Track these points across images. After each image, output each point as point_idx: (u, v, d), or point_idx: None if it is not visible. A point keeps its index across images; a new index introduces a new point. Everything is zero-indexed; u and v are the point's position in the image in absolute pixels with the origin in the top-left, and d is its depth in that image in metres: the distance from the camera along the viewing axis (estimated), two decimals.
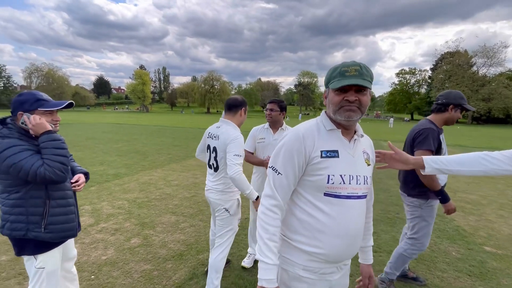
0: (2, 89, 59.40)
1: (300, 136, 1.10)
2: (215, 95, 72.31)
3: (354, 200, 1.10)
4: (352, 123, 1.10)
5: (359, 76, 1.01)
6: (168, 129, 19.15)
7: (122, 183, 5.42)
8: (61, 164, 1.46)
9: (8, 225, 1.49)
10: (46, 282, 1.57)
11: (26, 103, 1.50)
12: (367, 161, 1.17)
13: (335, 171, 1.07)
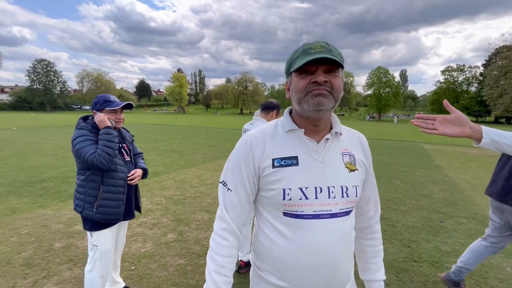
0: (59, 93, 66.01)
1: (247, 143, 0.89)
2: (248, 96, 73.15)
3: (326, 220, 0.83)
4: (323, 114, 0.82)
5: (327, 52, 0.77)
6: (203, 129, 19.79)
7: (160, 180, 5.71)
8: (107, 154, 1.71)
9: (75, 201, 1.84)
10: (99, 261, 1.83)
11: (98, 103, 1.87)
12: (349, 165, 0.88)
13: (292, 184, 0.82)
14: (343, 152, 0.89)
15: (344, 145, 0.91)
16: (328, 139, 0.88)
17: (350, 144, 0.93)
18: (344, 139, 0.92)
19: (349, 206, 0.87)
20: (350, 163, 0.89)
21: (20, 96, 61.80)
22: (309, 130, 0.88)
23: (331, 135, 0.89)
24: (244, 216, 0.91)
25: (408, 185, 5.79)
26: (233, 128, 21.02)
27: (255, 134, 0.91)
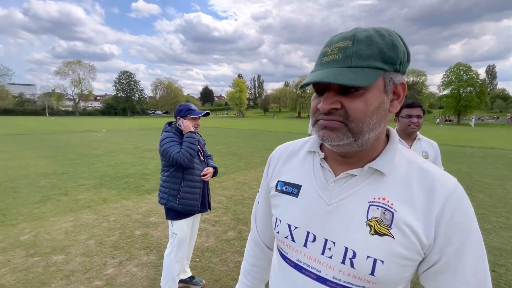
0: (137, 100, 75.58)
1: (270, 156, 0.79)
2: (307, 100, 72.05)
3: (308, 279, 0.61)
4: (343, 149, 0.58)
5: (342, 61, 0.52)
6: (261, 133, 20.25)
7: (221, 181, 6.08)
8: (189, 154, 2.02)
9: (160, 194, 2.15)
10: (176, 247, 2.12)
11: (182, 111, 2.16)
12: (376, 223, 0.56)
13: (283, 216, 0.67)
14: (374, 202, 0.57)
15: (382, 192, 0.58)
16: (354, 176, 0.60)
17: (399, 192, 0.57)
18: (392, 182, 0.59)
19: (353, 283, 0.57)
20: (380, 221, 0.56)
21: (108, 103, 72.78)
22: (334, 157, 0.64)
23: (361, 172, 0.60)
24: (271, 232, 0.81)
25: (494, 200, 4.98)
26: (290, 132, 21.00)
27: (279, 148, 0.79)
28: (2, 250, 2.89)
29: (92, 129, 21.37)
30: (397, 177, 0.59)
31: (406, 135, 2.07)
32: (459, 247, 0.54)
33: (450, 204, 0.54)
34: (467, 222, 0.55)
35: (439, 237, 0.54)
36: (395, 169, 0.60)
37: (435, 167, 0.60)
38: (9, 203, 4.35)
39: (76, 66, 70.49)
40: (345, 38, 0.53)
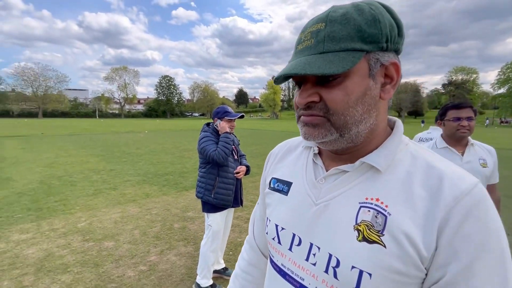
0: (176, 103, 79.52)
1: (271, 152, 0.74)
2: None
3: (291, 286, 0.56)
4: (331, 146, 0.52)
5: (313, 47, 0.46)
6: (295, 134, 19.95)
7: (254, 180, 6.22)
8: (224, 153, 2.19)
9: (197, 188, 2.36)
10: (211, 238, 2.30)
11: (219, 113, 2.35)
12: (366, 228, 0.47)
13: (272, 215, 0.63)
14: (365, 203, 0.49)
15: (376, 191, 0.49)
16: (346, 172, 0.53)
17: (396, 192, 0.48)
18: (389, 181, 0.49)
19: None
20: (370, 226, 0.47)
21: (150, 106, 77.55)
22: (327, 153, 0.58)
23: (353, 168, 0.52)
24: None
25: None
26: None
27: (280, 144, 0.74)
28: (63, 235, 3.32)
29: (136, 130, 22.98)
30: (397, 174, 0.49)
31: (455, 140, 1.80)
32: (469, 265, 0.41)
33: (461, 209, 0.42)
34: (485, 234, 0.42)
35: (442, 249, 0.43)
36: (396, 165, 0.50)
37: (448, 164, 0.49)
38: (68, 194, 4.92)
39: (122, 72, 76.36)
40: (318, 20, 0.47)
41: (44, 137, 15.65)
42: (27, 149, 10.55)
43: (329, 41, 0.45)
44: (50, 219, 3.79)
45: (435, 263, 0.43)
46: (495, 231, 0.42)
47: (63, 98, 67.05)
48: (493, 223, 0.43)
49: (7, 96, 60.13)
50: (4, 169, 6.89)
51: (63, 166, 7.33)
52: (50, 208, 4.22)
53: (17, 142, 12.60)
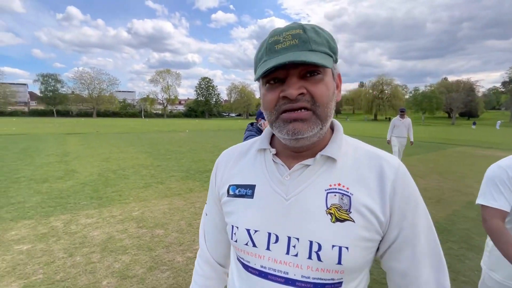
0: (214, 103, 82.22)
1: (216, 163, 0.74)
2: (384, 101, 66.39)
3: (277, 284, 0.57)
4: (305, 142, 0.56)
5: (300, 45, 0.51)
6: None
7: None
8: None
9: None
10: None
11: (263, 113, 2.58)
12: (336, 210, 0.56)
13: (239, 221, 0.62)
14: (330, 189, 0.57)
15: (336, 178, 0.58)
16: (308, 165, 0.60)
17: (352, 176, 0.58)
18: (343, 167, 0.59)
19: (323, 278, 0.55)
20: (339, 207, 0.56)
21: (190, 107, 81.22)
22: (287, 152, 0.63)
23: (314, 161, 0.59)
24: (222, 247, 0.75)
25: None
26: (364, 136, 19.81)
27: (226, 152, 0.74)
28: (121, 221, 3.74)
29: (177, 129, 24.29)
30: (348, 162, 0.60)
31: None
32: (413, 219, 0.56)
33: (399, 181, 0.57)
34: (415, 195, 0.58)
35: (395, 213, 0.56)
36: (344, 155, 0.60)
37: (379, 150, 0.63)
38: (122, 186, 5.47)
39: (165, 75, 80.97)
40: (293, 27, 0.54)
41: (98, 135, 17.32)
42: (85, 145, 11.81)
43: (313, 43, 0.52)
44: (109, 207, 4.28)
45: (391, 224, 0.56)
46: (417, 189, 0.59)
47: (114, 99, 73.26)
48: (415, 185, 0.60)
49: (68, 98, 67.23)
50: (69, 162, 7.83)
51: (116, 161, 8.11)
52: (109, 197, 4.75)
53: (77, 139, 14.14)
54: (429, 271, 0.57)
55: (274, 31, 0.56)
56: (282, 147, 0.63)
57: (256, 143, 0.69)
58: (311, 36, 0.52)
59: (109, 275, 2.51)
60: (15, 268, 2.57)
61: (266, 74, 0.53)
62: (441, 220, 3.99)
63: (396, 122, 7.21)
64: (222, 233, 0.72)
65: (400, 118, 7.19)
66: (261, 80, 0.58)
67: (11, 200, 4.44)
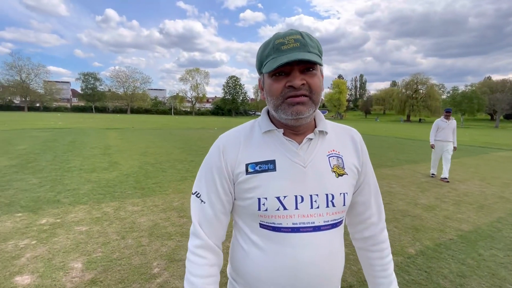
0: (241, 101, 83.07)
1: (220, 147, 0.79)
2: (419, 101, 62.95)
3: (307, 234, 0.73)
4: (303, 121, 0.74)
5: (301, 48, 0.67)
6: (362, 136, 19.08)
7: None
8: None
9: None
10: None
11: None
12: (337, 168, 0.77)
13: (268, 192, 0.72)
14: (329, 154, 0.78)
15: (331, 146, 0.80)
16: (311, 139, 0.78)
17: (339, 143, 0.82)
18: (331, 138, 0.82)
19: (336, 218, 0.76)
20: (338, 166, 0.78)
21: (217, 105, 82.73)
22: (289, 131, 0.79)
23: (315, 135, 0.78)
24: (222, 230, 0.82)
25: None
26: (396, 137, 19.04)
27: (228, 137, 0.82)
28: (163, 210, 4.02)
29: (206, 127, 24.99)
30: (333, 135, 0.83)
31: None
32: (368, 167, 0.86)
33: (362, 143, 0.86)
34: (367, 150, 0.88)
35: (362, 164, 0.84)
36: (329, 130, 0.82)
37: (342, 124, 0.89)
38: (161, 179, 5.83)
39: (194, 73, 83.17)
40: (293, 33, 0.70)
41: (134, 130, 18.34)
42: (124, 139, 12.59)
43: (310, 46, 0.68)
44: (152, 197, 4.60)
45: (361, 172, 0.84)
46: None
47: (146, 97, 76.64)
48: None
49: (105, 95, 71.56)
50: (112, 155, 8.44)
51: (153, 156, 8.59)
52: (150, 188, 5.09)
53: (116, 134, 15.10)
54: (375, 198, 0.89)
55: (278, 35, 0.71)
56: (283, 127, 0.78)
57: (256, 127, 0.82)
58: (307, 41, 0.68)
59: (158, 258, 2.75)
60: (78, 246, 2.90)
61: (271, 70, 0.68)
62: (484, 226, 3.82)
63: (441, 123, 6.52)
64: (221, 218, 0.80)
65: (445, 119, 6.50)
66: (266, 73, 0.72)
67: (67, 187, 4.93)
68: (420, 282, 2.48)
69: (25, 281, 2.30)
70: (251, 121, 0.85)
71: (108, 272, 2.47)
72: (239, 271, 0.82)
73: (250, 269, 0.77)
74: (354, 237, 0.93)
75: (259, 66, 0.75)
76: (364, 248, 0.91)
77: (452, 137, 6.49)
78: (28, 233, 3.14)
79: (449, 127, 6.43)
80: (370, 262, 0.90)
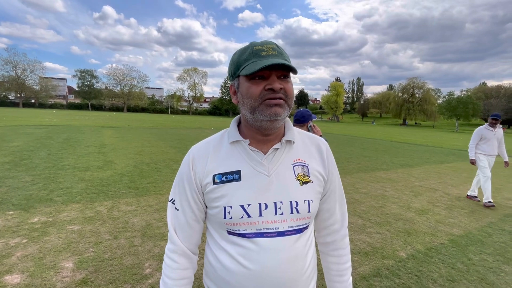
0: None
1: (190, 158, 0.83)
2: (415, 105, 63.53)
3: (271, 239, 0.76)
4: (277, 124, 0.77)
5: (279, 56, 0.72)
6: (358, 139, 19.24)
7: None
8: None
9: None
10: None
11: (311, 116, 2.62)
12: (302, 177, 0.81)
13: (232, 201, 0.76)
14: (295, 163, 0.82)
15: (297, 155, 0.84)
16: (277, 149, 0.81)
17: (305, 152, 0.86)
18: (298, 147, 0.85)
19: (300, 224, 0.80)
20: (303, 174, 0.82)
21: (214, 105, 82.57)
22: (257, 140, 0.82)
23: (281, 144, 0.82)
24: (196, 236, 0.86)
25: None
26: (392, 140, 19.18)
27: (199, 148, 0.85)
28: (157, 210, 4.01)
29: (203, 126, 24.93)
30: (299, 143, 0.87)
31: None
32: (334, 175, 0.90)
33: (328, 152, 0.90)
34: (333, 160, 0.91)
35: (329, 173, 0.87)
36: (296, 138, 0.86)
37: (310, 133, 0.93)
38: (156, 178, 5.81)
39: (192, 73, 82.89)
40: (268, 42, 0.75)
41: (130, 128, 18.23)
42: (119, 138, 12.52)
43: (285, 55, 0.75)
44: (146, 197, 4.59)
45: (327, 180, 0.87)
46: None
47: (143, 96, 76.17)
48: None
49: (102, 93, 71.02)
50: (107, 153, 8.39)
51: (149, 155, 8.56)
52: (144, 188, 5.07)
53: (111, 132, 15.00)
54: (339, 206, 0.93)
55: (255, 43, 0.75)
56: (251, 136, 0.82)
57: (225, 137, 0.86)
58: (283, 51, 0.75)
59: (150, 258, 2.74)
60: (70, 245, 2.88)
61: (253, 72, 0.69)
62: (474, 231, 3.87)
63: (486, 133, 5.09)
64: (193, 225, 0.84)
65: (491, 127, 5.08)
66: (242, 77, 0.75)
67: (60, 186, 4.90)
68: (410, 286, 2.51)
69: (15, 280, 2.28)
70: (222, 131, 0.89)
71: (100, 272, 2.46)
72: (211, 277, 0.85)
73: (221, 273, 0.80)
74: (318, 241, 0.97)
75: (234, 70, 0.77)
76: (324, 252, 0.97)
77: (498, 149, 5.18)
78: (19, 231, 3.11)
79: (496, 137, 5.11)
80: (328, 266, 0.95)
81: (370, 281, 2.59)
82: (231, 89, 0.82)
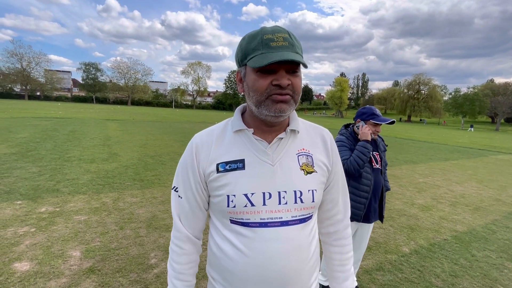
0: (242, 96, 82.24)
1: (193, 147, 0.82)
2: (420, 102, 62.84)
3: (275, 228, 0.76)
4: (282, 119, 0.76)
5: (290, 47, 0.68)
6: None
7: None
8: (357, 164, 1.90)
9: None
10: None
11: (365, 114, 2.04)
12: (306, 166, 0.80)
13: (236, 190, 0.75)
14: (299, 153, 0.81)
15: (301, 144, 0.83)
16: (281, 138, 0.80)
17: (309, 142, 0.85)
18: (303, 137, 0.84)
19: (304, 213, 0.79)
20: (307, 164, 0.81)
21: (218, 99, 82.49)
22: (262, 130, 0.80)
23: (286, 134, 0.80)
24: (199, 223, 0.87)
25: None
26: (396, 137, 19.06)
27: (202, 136, 0.84)
28: (162, 202, 4.05)
29: (207, 120, 24.94)
30: (304, 133, 0.86)
31: None
32: (338, 166, 0.90)
33: (332, 143, 0.89)
34: (337, 150, 0.91)
35: (333, 164, 0.88)
36: (301, 128, 0.85)
37: (314, 124, 0.92)
38: (160, 171, 5.85)
39: (196, 67, 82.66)
40: (280, 30, 0.70)
41: (134, 122, 18.32)
42: (124, 131, 12.59)
43: (296, 47, 0.70)
44: (150, 189, 4.64)
45: (332, 171, 0.87)
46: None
47: (147, 89, 76.24)
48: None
49: (106, 86, 71.21)
50: (112, 146, 8.46)
51: (153, 148, 8.61)
52: (149, 180, 5.12)
53: (116, 125, 15.09)
54: (342, 196, 0.93)
55: (265, 30, 0.70)
56: (256, 126, 0.80)
57: (228, 126, 0.84)
58: (294, 41, 0.70)
59: (156, 249, 2.79)
60: (77, 235, 2.94)
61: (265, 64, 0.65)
62: (478, 228, 3.86)
63: None
64: (197, 213, 0.85)
65: None
66: (249, 67, 0.71)
67: (67, 177, 4.96)
68: (413, 280, 2.52)
69: (24, 267, 2.33)
70: (225, 120, 0.87)
71: (106, 261, 2.50)
72: (214, 267, 0.85)
73: (224, 263, 0.80)
74: (320, 231, 0.97)
75: (242, 58, 0.73)
76: (327, 243, 0.97)
77: None
78: (27, 220, 3.17)
79: None
80: (330, 255, 0.96)
81: (372, 275, 2.61)
82: (237, 76, 0.79)
